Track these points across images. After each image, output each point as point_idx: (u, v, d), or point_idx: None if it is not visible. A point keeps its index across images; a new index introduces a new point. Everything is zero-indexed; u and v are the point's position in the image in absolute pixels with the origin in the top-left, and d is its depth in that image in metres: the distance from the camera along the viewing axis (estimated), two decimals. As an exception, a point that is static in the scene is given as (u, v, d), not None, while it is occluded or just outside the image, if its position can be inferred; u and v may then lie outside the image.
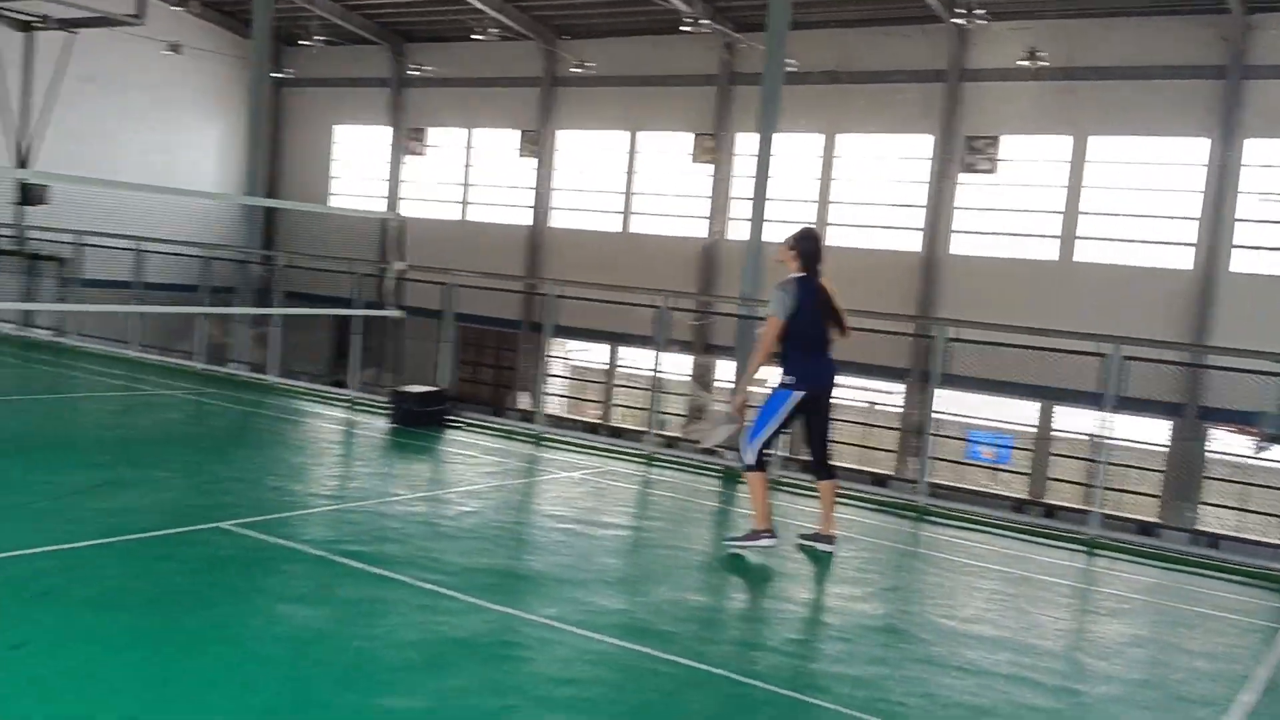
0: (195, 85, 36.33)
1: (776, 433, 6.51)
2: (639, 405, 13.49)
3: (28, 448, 7.83)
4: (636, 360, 22.98)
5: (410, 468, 8.64)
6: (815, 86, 25.93)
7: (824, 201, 26.47)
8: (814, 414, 6.51)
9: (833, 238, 26.35)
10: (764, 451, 6.41)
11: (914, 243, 24.00)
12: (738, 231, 10.91)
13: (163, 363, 13.19)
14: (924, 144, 23.96)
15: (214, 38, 35.91)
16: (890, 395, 22.86)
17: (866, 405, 23.12)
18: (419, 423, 10.01)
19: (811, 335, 6.36)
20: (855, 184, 25.69)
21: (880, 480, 14.83)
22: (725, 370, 21.65)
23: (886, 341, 13.51)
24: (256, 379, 12.45)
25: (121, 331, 14.05)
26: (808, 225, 6.73)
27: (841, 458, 20.49)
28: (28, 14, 30.27)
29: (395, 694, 3.98)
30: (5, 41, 30.19)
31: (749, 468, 6.38)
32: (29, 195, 26.45)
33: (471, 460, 8.94)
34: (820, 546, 6.63)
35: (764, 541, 6.34)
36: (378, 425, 10.13)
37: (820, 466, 6.67)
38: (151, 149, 35.24)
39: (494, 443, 9.81)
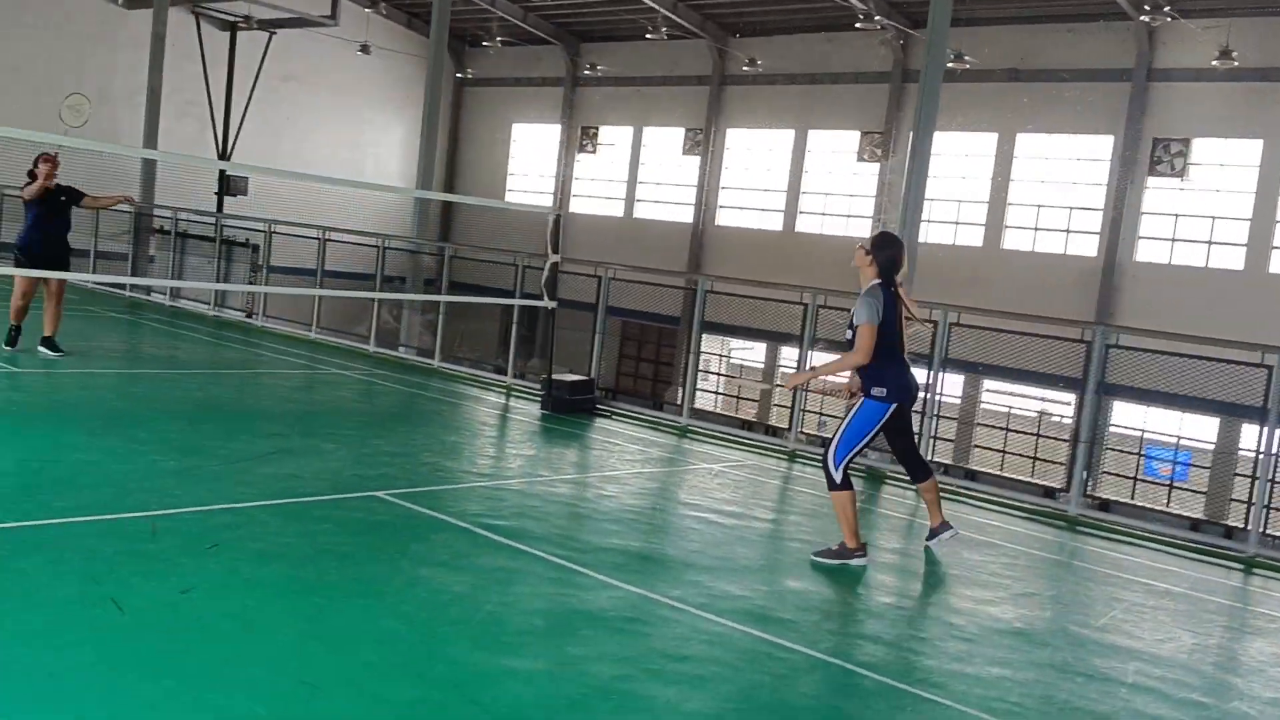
0: (383, 84, 38.11)
1: (864, 447, 6.25)
2: (786, 404, 13.47)
3: (213, 417, 8.51)
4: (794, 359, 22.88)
5: (556, 452, 8.96)
6: (993, 84, 25.29)
7: (998, 202, 25.77)
8: (899, 424, 6.25)
9: (1008, 241, 25.66)
10: (850, 467, 6.15)
11: (1090, 247, 23.14)
12: (907, 232, 10.84)
13: (339, 344, 14.00)
14: (1104, 145, 23.05)
15: (401, 39, 37.59)
16: (1064, 405, 22.08)
17: (1035, 415, 22.39)
18: (569, 410, 10.35)
19: (896, 344, 6.13)
20: (1031, 185, 24.93)
21: (1049, 493, 14.35)
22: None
23: (1059, 348, 13.07)
24: (422, 363, 13.08)
25: (304, 314, 14.97)
26: (886, 231, 6.48)
27: (1009, 469, 19.87)
28: (232, 14, 32.34)
29: (519, 656, 4.23)
30: (211, 40, 32.35)
31: (836, 487, 6.07)
32: (229, 186, 28.36)
33: (615, 448, 9.20)
34: (945, 536, 6.53)
35: (856, 561, 6.06)
36: (530, 411, 10.52)
37: (915, 469, 6.54)
38: (341, 145, 37.14)
39: (640, 433, 10.05)
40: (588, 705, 3.86)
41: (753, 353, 28.50)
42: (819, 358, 9.95)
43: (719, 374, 28.86)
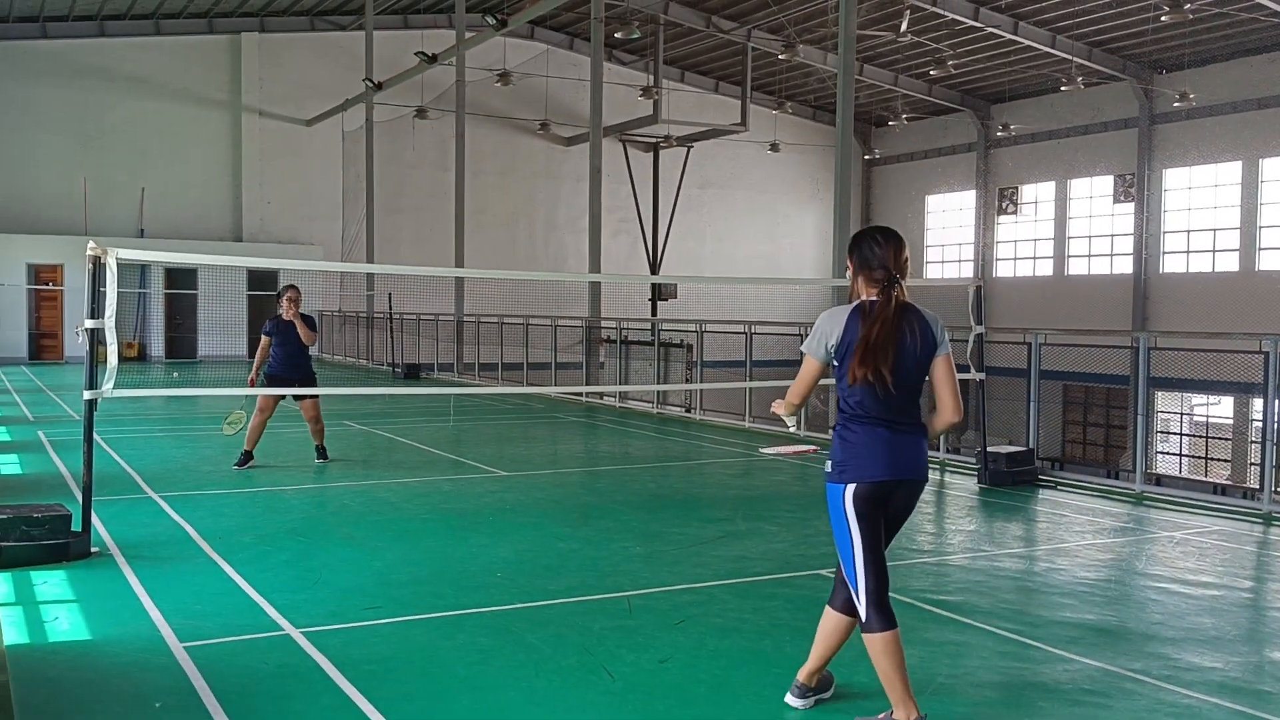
0: (791, 178, 39.64)
1: (869, 556, 4.19)
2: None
3: (667, 506, 9.31)
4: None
5: (997, 526, 8.83)
6: None
7: None
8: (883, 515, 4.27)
9: None
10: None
11: None
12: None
13: (772, 432, 14.65)
14: None
15: (806, 132, 38.97)
16: None
17: None
18: (1008, 482, 10.15)
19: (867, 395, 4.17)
20: None
21: None
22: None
23: None
24: (855, 444, 13.34)
25: (737, 405, 15.85)
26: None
27: None
28: (654, 136, 35.26)
29: (973, 726, 4.32)
30: (636, 162, 35.44)
31: (864, 626, 4.21)
32: (661, 292, 30.69)
33: (1062, 519, 8.89)
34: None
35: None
36: (967, 485, 10.43)
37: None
38: (758, 240, 38.98)
39: (1089, 502, 9.62)
40: (1047, 775, 3.87)
41: (1219, 407, 25.87)
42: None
43: (1180, 434, 26.48)
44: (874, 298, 4.13)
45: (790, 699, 4.50)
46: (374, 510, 8.77)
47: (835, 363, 4.19)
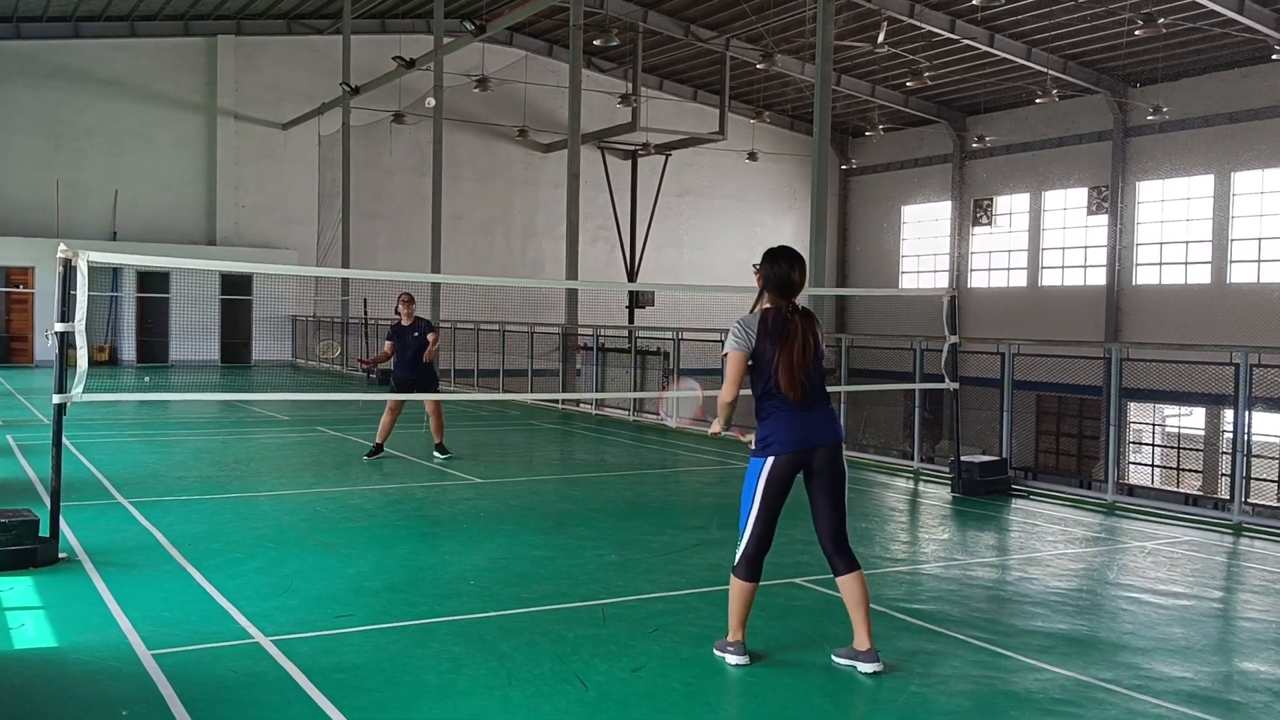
0: (769, 186, 39.77)
1: (763, 521, 5.21)
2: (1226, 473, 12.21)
3: (642, 514, 9.29)
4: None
5: (970, 535, 8.86)
6: None
7: None
8: (813, 486, 5.19)
9: None
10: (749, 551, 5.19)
11: None
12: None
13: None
14: None
15: (784, 141, 39.11)
16: None
17: None
18: (981, 492, 10.19)
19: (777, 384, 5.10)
20: None
21: None
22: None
23: None
24: (830, 452, 13.38)
25: (713, 413, 15.84)
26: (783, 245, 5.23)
27: None
28: (632, 144, 35.28)
29: (945, 735, 4.33)
30: (615, 170, 35.47)
31: (733, 570, 5.19)
32: (638, 299, 30.70)
33: (1034, 529, 8.94)
34: (865, 667, 5.02)
35: (733, 658, 5.13)
36: (940, 494, 10.47)
37: (835, 555, 5.31)
38: (735, 248, 39.05)
39: (1061, 512, 9.68)
40: (1018, 784, 3.88)
41: (1191, 419, 26.07)
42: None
43: (1152, 444, 26.68)
44: (770, 306, 5.12)
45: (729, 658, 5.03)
46: (347, 517, 8.71)
47: (750, 361, 5.15)
